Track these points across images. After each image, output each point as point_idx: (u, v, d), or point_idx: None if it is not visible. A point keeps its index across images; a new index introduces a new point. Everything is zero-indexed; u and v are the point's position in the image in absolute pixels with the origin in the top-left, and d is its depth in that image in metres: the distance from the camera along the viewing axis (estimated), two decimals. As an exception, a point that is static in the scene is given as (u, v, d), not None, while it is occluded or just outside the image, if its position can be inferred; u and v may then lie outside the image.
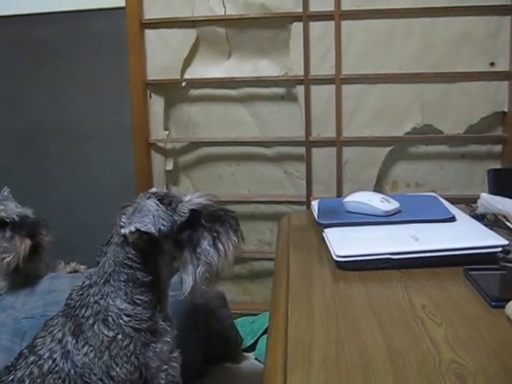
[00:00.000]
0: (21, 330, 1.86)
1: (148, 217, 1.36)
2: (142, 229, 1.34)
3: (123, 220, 1.38)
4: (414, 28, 2.50)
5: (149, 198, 1.40)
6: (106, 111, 2.80)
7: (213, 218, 1.43)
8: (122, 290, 1.41)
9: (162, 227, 1.35)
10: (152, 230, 1.34)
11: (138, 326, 1.41)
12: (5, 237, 1.99)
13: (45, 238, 2.06)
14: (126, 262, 1.41)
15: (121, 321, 1.40)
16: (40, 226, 2.05)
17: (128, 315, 1.40)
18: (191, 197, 1.44)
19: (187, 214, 1.39)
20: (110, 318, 1.40)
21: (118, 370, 1.40)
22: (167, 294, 1.51)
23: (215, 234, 1.41)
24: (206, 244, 1.40)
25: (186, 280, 1.39)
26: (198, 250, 1.39)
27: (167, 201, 1.40)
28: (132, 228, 1.35)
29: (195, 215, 1.40)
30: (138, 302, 1.42)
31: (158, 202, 1.38)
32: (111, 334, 1.39)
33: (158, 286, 1.46)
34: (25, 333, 1.82)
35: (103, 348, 1.40)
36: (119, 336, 1.39)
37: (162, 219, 1.36)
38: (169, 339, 1.48)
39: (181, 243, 1.40)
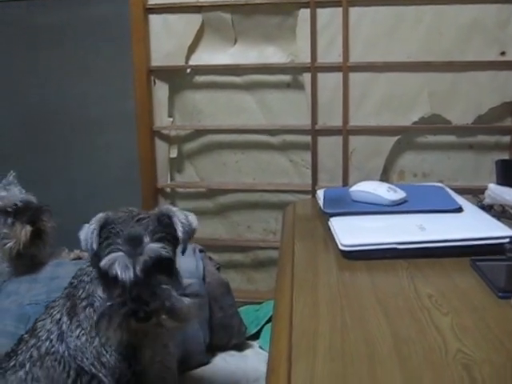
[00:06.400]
0: (25, 315, 1.86)
1: (83, 236, 1.36)
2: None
3: None
4: (423, 15, 2.47)
5: (98, 220, 1.36)
6: (110, 98, 2.79)
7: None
8: None
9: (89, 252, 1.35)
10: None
11: None
12: (6, 223, 2.00)
13: (47, 224, 2.06)
14: None
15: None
16: (42, 212, 2.06)
17: None
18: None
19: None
20: (95, 304, 1.40)
21: (108, 356, 1.40)
22: None
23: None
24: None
25: None
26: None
27: (109, 243, 1.33)
28: None
29: None
30: None
31: (94, 231, 1.34)
32: None
33: None
34: (29, 318, 1.82)
35: (94, 333, 1.39)
36: None
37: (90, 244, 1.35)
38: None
39: None
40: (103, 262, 1.28)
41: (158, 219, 1.36)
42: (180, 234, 1.36)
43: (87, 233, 1.33)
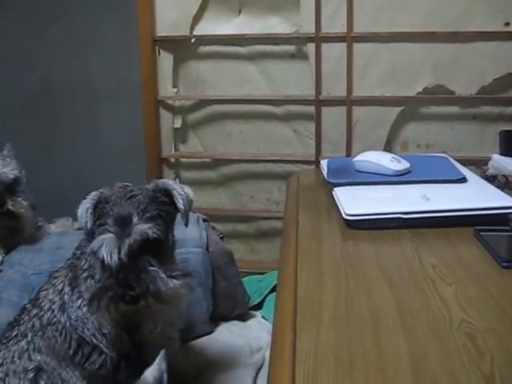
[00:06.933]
0: (29, 285, 1.86)
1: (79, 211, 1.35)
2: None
3: None
4: (427, -15, 2.46)
5: (94, 198, 1.35)
6: (115, 68, 2.78)
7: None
8: None
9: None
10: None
11: None
12: None
13: (17, 206, 1.99)
14: None
15: None
16: (13, 194, 1.98)
17: None
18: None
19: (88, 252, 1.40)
20: (96, 276, 1.40)
21: (109, 328, 1.41)
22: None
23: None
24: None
25: None
26: None
27: (103, 222, 1.32)
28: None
29: None
30: None
31: (89, 208, 1.34)
32: None
33: None
34: (33, 288, 1.83)
35: None
36: None
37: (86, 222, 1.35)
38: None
39: None
40: (92, 245, 1.29)
41: (152, 195, 1.35)
42: (182, 206, 1.36)
43: (82, 211, 1.33)
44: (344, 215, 1.37)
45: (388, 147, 2.61)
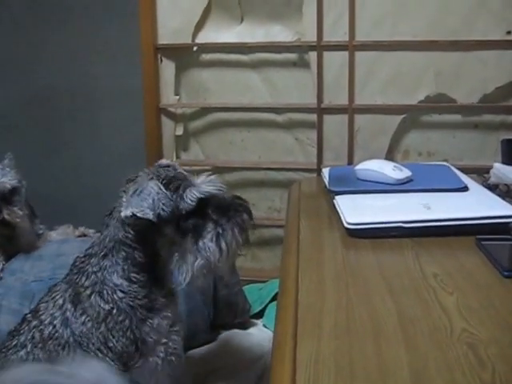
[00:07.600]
0: (29, 292, 1.86)
1: (147, 201, 1.31)
2: (138, 214, 1.30)
3: (124, 200, 1.35)
4: (429, -6, 2.46)
5: (151, 178, 1.36)
6: (117, 75, 2.78)
7: (221, 211, 1.38)
8: (120, 266, 1.39)
9: (161, 212, 1.31)
10: (150, 216, 1.30)
11: (131, 304, 1.39)
12: None
13: (13, 215, 1.99)
14: (125, 240, 1.39)
15: (115, 296, 1.39)
16: (10, 203, 1.98)
17: (123, 291, 1.39)
18: (202, 180, 1.41)
19: (194, 203, 1.34)
20: (105, 292, 1.39)
21: (114, 341, 1.40)
22: (169, 270, 1.45)
23: (220, 231, 1.36)
24: (208, 238, 1.36)
25: (184, 269, 1.37)
26: (200, 243, 1.36)
27: (175, 185, 1.35)
28: (128, 212, 1.31)
29: (203, 204, 1.36)
30: (134, 279, 1.40)
31: (160, 185, 1.33)
32: (107, 307, 1.38)
33: (157, 266, 1.43)
34: (33, 296, 1.83)
35: (100, 320, 1.39)
36: (114, 310, 1.38)
37: (163, 204, 1.32)
38: (169, 314, 1.46)
39: (184, 230, 1.36)
40: (193, 196, 1.35)
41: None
42: None
43: (155, 197, 1.33)
44: (345, 224, 1.37)
45: (389, 155, 2.60)
